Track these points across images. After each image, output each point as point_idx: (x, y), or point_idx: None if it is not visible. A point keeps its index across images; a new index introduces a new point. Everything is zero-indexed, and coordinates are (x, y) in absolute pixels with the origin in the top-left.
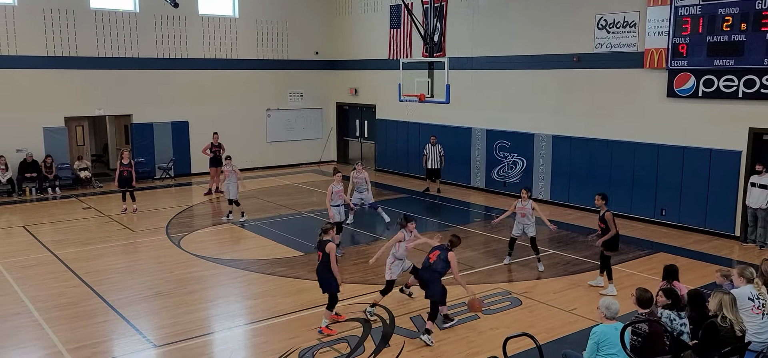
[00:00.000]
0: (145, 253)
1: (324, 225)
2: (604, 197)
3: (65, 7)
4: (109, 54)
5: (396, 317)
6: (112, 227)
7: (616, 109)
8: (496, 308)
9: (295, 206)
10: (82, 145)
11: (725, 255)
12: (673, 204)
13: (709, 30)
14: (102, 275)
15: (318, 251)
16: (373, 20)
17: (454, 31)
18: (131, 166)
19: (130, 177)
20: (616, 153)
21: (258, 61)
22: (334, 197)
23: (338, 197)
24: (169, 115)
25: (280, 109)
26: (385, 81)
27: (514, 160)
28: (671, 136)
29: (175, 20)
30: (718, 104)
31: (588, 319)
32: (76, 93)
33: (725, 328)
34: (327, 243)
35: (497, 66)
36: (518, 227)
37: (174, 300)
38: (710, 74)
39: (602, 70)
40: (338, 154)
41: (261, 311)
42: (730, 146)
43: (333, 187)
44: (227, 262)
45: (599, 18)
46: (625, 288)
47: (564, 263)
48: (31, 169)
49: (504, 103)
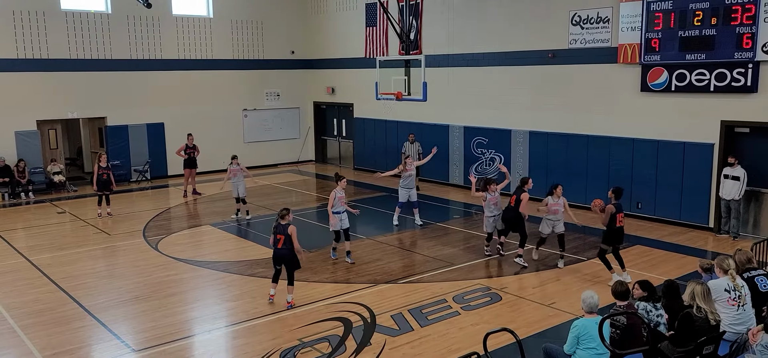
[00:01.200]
0: (123, 257)
1: (281, 210)
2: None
3: (36, 9)
4: (81, 56)
5: (377, 316)
6: (87, 231)
7: (591, 105)
8: (477, 303)
9: (274, 207)
10: (55, 149)
11: (700, 247)
12: (649, 197)
13: (680, 25)
14: (78, 280)
15: (278, 234)
16: (348, 19)
17: (430, 28)
18: (109, 170)
19: (109, 180)
20: (593, 148)
21: (234, 62)
22: (337, 203)
23: (340, 203)
24: (145, 117)
25: (257, 109)
26: (362, 79)
27: (491, 156)
28: (646, 130)
29: (148, 21)
30: (691, 98)
31: (567, 313)
32: (49, 96)
33: (700, 318)
34: (288, 226)
35: (473, 63)
36: (548, 225)
37: (152, 304)
38: (682, 68)
39: (577, 65)
40: (316, 154)
41: (241, 312)
42: (703, 139)
43: (336, 192)
44: (206, 264)
45: (573, 14)
46: (602, 281)
47: (542, 258)
48: (4, 174)
49: (481, 99)
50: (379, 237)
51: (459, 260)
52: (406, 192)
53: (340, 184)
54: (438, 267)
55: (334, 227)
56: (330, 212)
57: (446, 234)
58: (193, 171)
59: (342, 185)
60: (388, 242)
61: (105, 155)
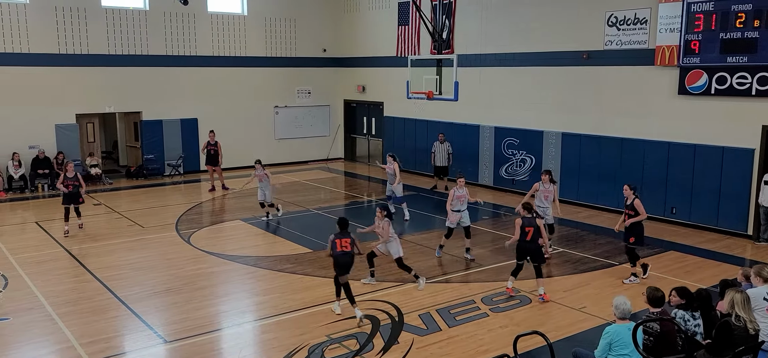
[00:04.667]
0: (155, 249)
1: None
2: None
3: (77, 6)
4: (119, 51)
5: (405, 315)
6: (122, 223)
7: (626, 107)
8: (506, 306)
9: (304, 203)
10: (92, 142)
11: (738, 254)
12: (684, 202)
13: (721, 27)
14: (113, 271)
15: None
16: (381, 17)
17: (462, 28)
18: (77, 180)
19: (77, 193)
20: (626, 151)
21: (266, 59)
22: (455, 202)
23: (459, 201)
24: (179, 112)
25: (288, 106)
26: (393, 78)
27: (522, 157)
28: (682, 133)
29: (184, 18)
30: (731, 102)
31: (598, 317)
32: (87, 90)
33: (739, 327)
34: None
35: (506, 63)
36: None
37: (184, 296)
38: (723, 71)
39: (612, 67)
40: (346, 152)
41: (270, 307)
42: (743, 144)
43: (455, 191)
44: (236, 258)
45: (609, 15)
46: (635, 286)
47: (573, 261)
48: (44, 165)
49: (512, 100)
50: (408, 236)
51: (488, 261)
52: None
53: (458, 182)
54: (467, 268)
55: (451, 224)
56: (448, 209)
57: (475, 235)
58: (217, 168)
59: (460, 183)
60: (416, 241)
61: (72, 164)
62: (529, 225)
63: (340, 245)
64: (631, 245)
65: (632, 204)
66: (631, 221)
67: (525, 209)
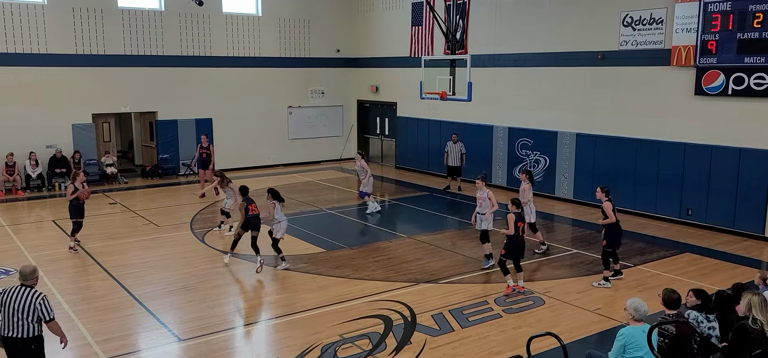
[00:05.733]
0: (170, 248)
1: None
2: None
3: (94, 6)
4: (135, 52)
5: (417, 315)
6: (137, 222)
7: (641, 108)
8: (519, 307)
9: (317, 203)
10: (108, 142)
11: (755, 257)
12: (700, 204)
13: (739, 27)
14: (128, 269)
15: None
16: (394, 18)
17: (476, 28)
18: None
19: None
20: (642, 152)
21: (280, 59)
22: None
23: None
24: (194, 112)
25: (302, 106)
26: (407, 79)
27: (536, 158)
28: (699, 134)
29: (199, 18)
30: (749, 102)
31: (611, 319)
32: (104, 90)
33: (756, 330)
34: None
35: (520, 64)
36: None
37: (198, 295)
38: (740, 72)
39: (627, 68)
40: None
41: (283, 306)
42: (761, 145)
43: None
44: (250, 258)
45: (625, 15)
46: (650, 288)
47: (587, 263)
48: (61, 164)
49: (527, 100)
50: (421, 236)
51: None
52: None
53: (477, 184)
54: (479, 268)
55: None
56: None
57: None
58: (208, 172)
59: (478, 185)
60: (429, 241)
61: (82, 173)
62: (520, 220)
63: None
64: (604, 249)
65: (602, 207)
66: (604, 223)
67: (514, 204)
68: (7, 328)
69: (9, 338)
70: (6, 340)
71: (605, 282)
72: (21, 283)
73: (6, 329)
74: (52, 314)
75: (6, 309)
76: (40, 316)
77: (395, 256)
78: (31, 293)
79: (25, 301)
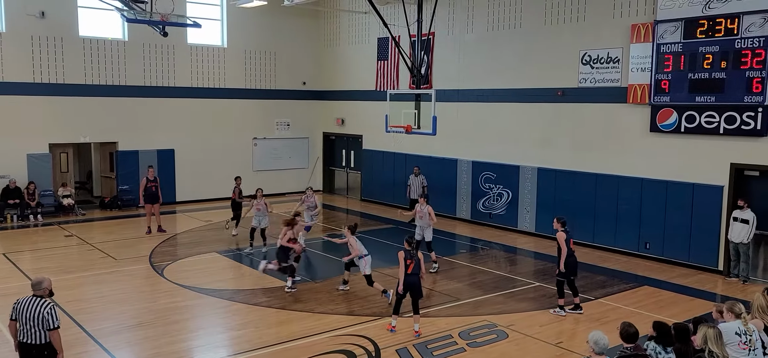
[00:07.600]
0: (128, 282)
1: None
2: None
3: (54, 35)
4: (96, 81)
5: (381, 350)
6: (94, 255)
7: (600, 143)
8: (483, 340)
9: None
10: (66, 172)
11: (709, 289)
12: (657, 238)
13: (690, 67)
14: (83, 305)
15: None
16: (360, 52)
17: (441, 64)
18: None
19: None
20: (601, 186)
21: (245, 91)
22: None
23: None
24: (155, 143)
25: (267, 138)
26: (372, 112)
27: (499, 191)
28: (654, 170)
29: (163, 49)
30: (700, 140)
31: (574, 352)
32: (62, 120)
33: None
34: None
35: (483, 99)
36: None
37: (157, 330)
38: (692, 110)
39: (587, 104)
40: (324, 184)
41: (245, 341)
42: (712, 181)
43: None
44: (211, 292)
45: (583, 53)
46: (611, 321)
47: (550, 296)
48: (14, 195)
49: (490, 135)
50: (386, 269)
51: (465, 295)
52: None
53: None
54: (444, 302)
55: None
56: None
57: (452, 268)
58: (155, 206)
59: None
60: (393, 274)
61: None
62: (409, 258)
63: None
64: (557, 278)
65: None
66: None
67: (407, 242)
68: (23, 334)
69: (25, 344)
70: (23, 346)
71: (560, 310)
72: (33, 293)
73: (22, 335)
74: (57, 323)
75: (21, 318)
76: (46, 324)
77: (359, 289)
78: (40, 303)
79: (34, 310)
